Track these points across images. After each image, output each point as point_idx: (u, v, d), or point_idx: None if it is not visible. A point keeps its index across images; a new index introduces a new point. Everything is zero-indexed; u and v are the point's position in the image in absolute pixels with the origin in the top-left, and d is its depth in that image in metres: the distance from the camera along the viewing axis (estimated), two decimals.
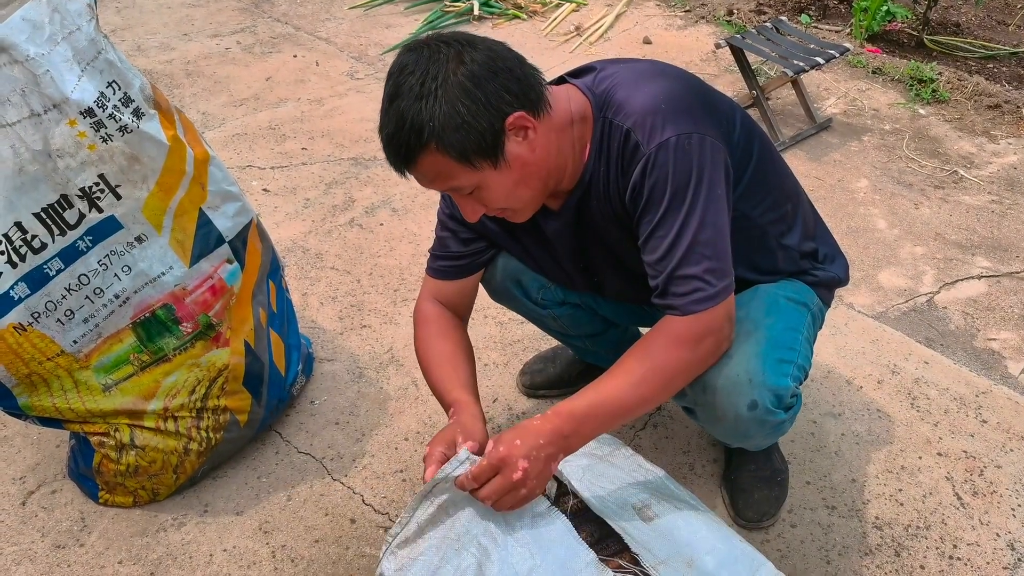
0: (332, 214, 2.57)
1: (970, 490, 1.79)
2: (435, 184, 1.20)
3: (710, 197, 1.20)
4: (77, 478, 1.68)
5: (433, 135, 1.11)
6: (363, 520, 1.66)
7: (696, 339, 1.24)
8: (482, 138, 1.13)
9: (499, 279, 1.60)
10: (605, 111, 1.25)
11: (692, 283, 1.21)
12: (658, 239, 1.21)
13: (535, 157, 1.20)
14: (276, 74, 3.47)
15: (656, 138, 1.18)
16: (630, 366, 1.26)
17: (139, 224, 1.48)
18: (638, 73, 1.27)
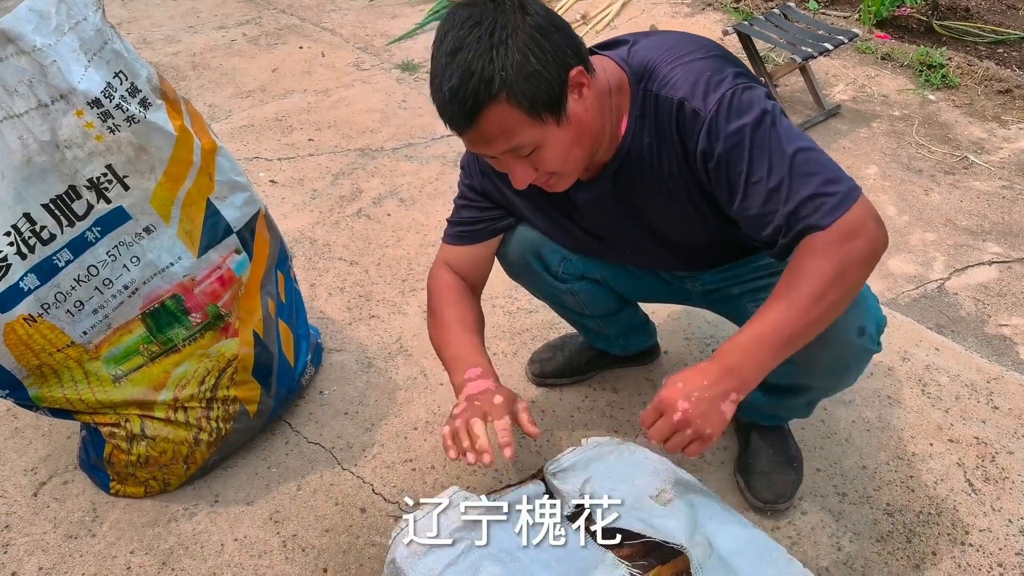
0: (339, 205, 2.57)
1: (982, 476, 1.78)
2: (495, 144, 1.16)
3: (782, 126, 1.18)
4: (88, 469, 1.69)
5: (505, 85, 1.08)
6: (373, 509, 1.66)
7: (840, 242, 1.15)
8: (551, 89, 1.12)
9: (518, 252, 1.58)
10: (646, 83, 1.23)
11: (814, 202, 1.15)
12: (756, 185, 1.18)
13: (588, 117, 1.19)
14: (282, 66, 3.47)
15: (711, 100, 1.17)
16: (783, 290, 1.20)
17: (147, 215, 1.48)
18: (674, 45, 1.26)
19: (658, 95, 1.22)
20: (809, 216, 1.15)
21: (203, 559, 1.56)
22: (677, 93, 1.20)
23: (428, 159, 2.83)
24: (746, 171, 1.18)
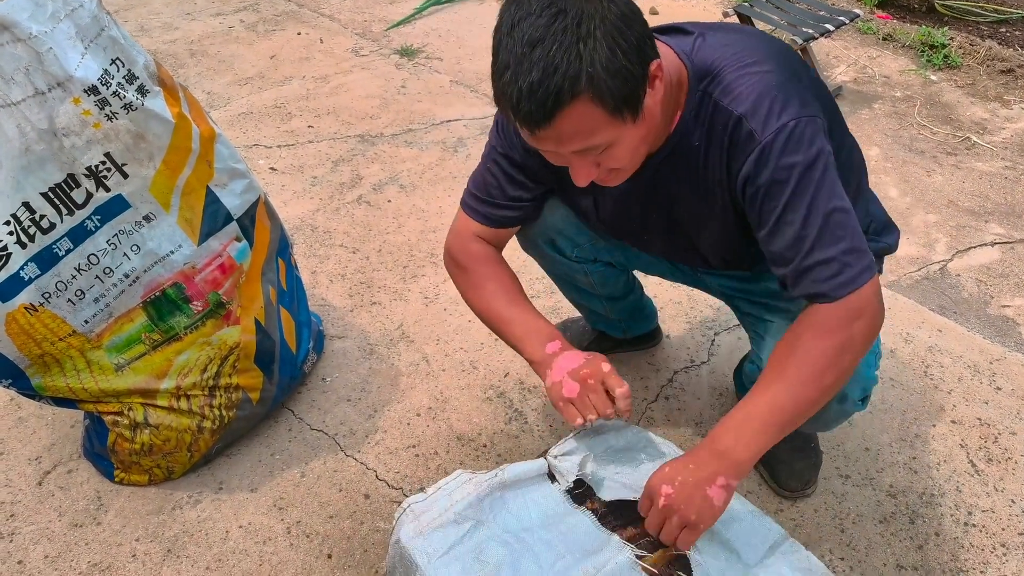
0: (339, 192, 2.56)
1: (984, 457, 1.78)
2: (570, 143, 1.08)
3: (830, 177, 1.14)
4: (92, 457, 1.69)
5: (591, 83, 1.00)
6: (377, 495, 1.66)
7: (846, 324, 1.15)
8: (635, 85, 1.04)
9: (531, 236, 1.58)
10: (707, 85, 1.17)
11: (832, 266, 1.13)
12: (786, 226, 1.14)
13: (657, 111, 1.13)
14: (280, 52, 3.45)
15: (771, 126, 1.11)
16: (779, 367, 1.18)
17: (147, 203, 1.47)
18: (744, 49, 1.18)
19: (718, 103, 1.16)
20: (822, 282, 1.14)
21: (208, 546, 1.56)
22: (738, 108, 1.14)
23: (428, 145, 2.82)
24: (781, 209, 1.14)
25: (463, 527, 1.28)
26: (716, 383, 1.94)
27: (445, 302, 2.15)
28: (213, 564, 1.53)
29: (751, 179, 1.15)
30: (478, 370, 1.96)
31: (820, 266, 1.14)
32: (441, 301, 2.15)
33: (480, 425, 1.82)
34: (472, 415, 1.84)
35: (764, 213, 1.16)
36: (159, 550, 1.55)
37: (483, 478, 1.34)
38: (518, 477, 1.35)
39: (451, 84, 3.23)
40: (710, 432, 1.20)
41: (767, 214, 1.16)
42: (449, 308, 2.13)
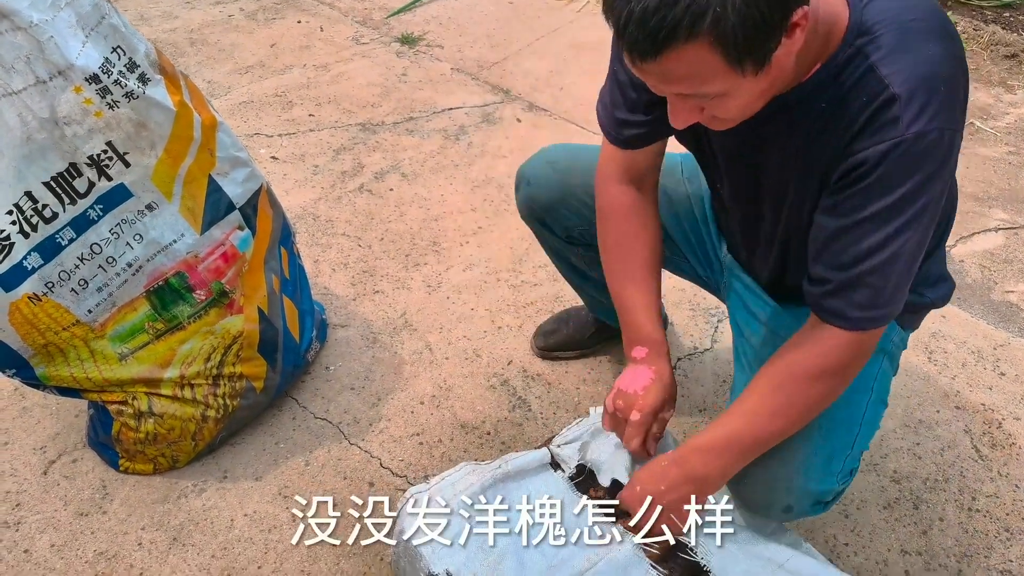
0: (341, 180, 2.56)
1: (989, 442, 1.79)
2: (675, 85, 0.96)
3: (935, 208, 1.02)
4: (97, 447, 1.69)
5: (716, 26, 0.84)
6: (381, 483, 1.66)
7: (849, 363, 1.11)
8: (768, 37, 0.88)
9: (523, 206, 1.60)
10: (864, 44, 0.99)
11: (875, 296, 1.06)
12: (863, 233, 1.03)
13: (788, 62, 0.96)
14: (280, 41, 3.44)
15: (919, 124, 0.95)
16: (764, 389, 1.15)
17: (149, 192, 1.47)
18: (916, 18, 0.99)
19: (875, 68, 0.98)
20: (856, 307, 1.07)
21: (213, 534, 1.57)
22: (896, 85, 0.96)
23: (429, 133, 2.81)
24: (869, 215, 1.01)
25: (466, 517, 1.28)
26: (719, 370, 1.94)
27: (448, 290, 2.15)
28: (219, 552, 1.54)
29: (863, 166, 1.00)
30: (481, 358, 1.96)
31: (865, 289, 1.05)
32: (444, 289, 2.15)
33: (484, 413, 1.82)
34: (476, 403, 1.84)
35: (845, 207, 1.04)
36: (165, 538, 1.56)
37: (486, 469, 1.34)
38: (521, 468, 1.35)
39: (452, 72, 3.21)
40: (684, 448, 1.20)
41: (852, 209, 1.03)
42: (452, 296, 2.13)
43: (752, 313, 1.39)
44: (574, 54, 3.35)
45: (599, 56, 3.33)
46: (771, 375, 1.16)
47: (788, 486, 1.21)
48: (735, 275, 1.44)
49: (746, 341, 1.39)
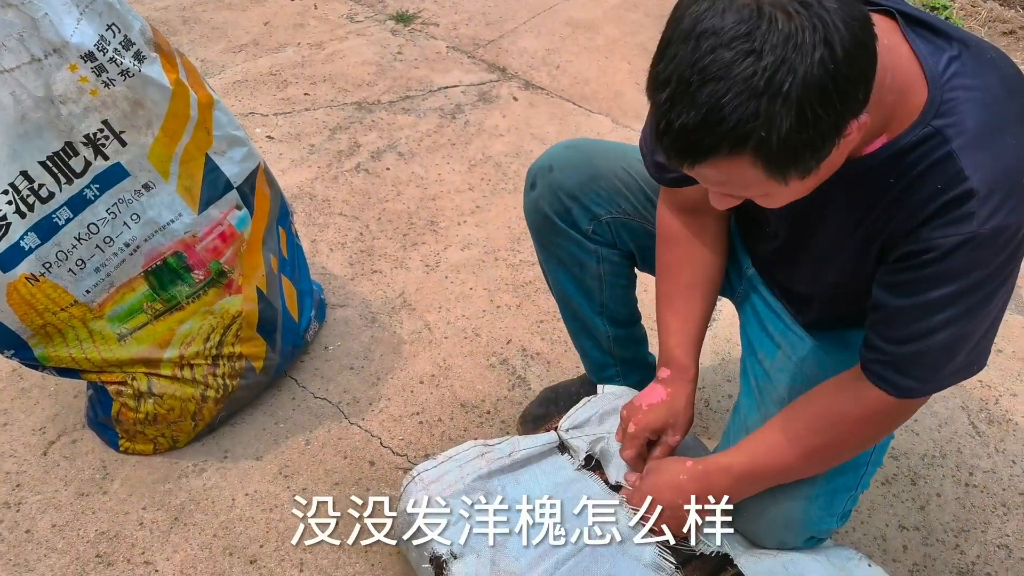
0: (338, 160, 2.54)
1: (985, 419, 1.79)
2: (715, 186, 0.94)
3: (1005, 294, 0.99)
4: (97, 427, 1.69)
5: (759, 149, 0.80)
6: (382, 462, 1.67)
7: (889, 422, 1.11)
8: (814, 157, 0.83)
9: (541, 196, 1.41)
10: (943, 127, 0.91)
11: (938, 372, 1.02)
12: (923, 312, 0.98)
13: (839, 161, 0.91)
14: (274, 18, 3.40)
15: (995, 220, 0.90)
16: (801, 427, 1.13)
17: (146, 171, 1.46)
18: (1000, 102, 0.93)
19: (954, 156, 0.91)
20: (907, 377, 1.03)
21: (215, 514, 1.57)
22: (975, 179, 0.90)
23: (426, 112, 2.80)
24: (933, 295, 0.96)
25: (472, 498, 1.28)
26: (718, 348, 1.95)
27: (446, 270, 2.14)
28: (220, 531, 1.54)
29: (930, 252, 0.95)
30: (480, 337, 1.96)
31: (925, 367, 1.02)
32: (442, 269, 2.14)
33: (483, 392, 1.82)
34: (475, 382, 1.85)
35: (908, 288, 0.99)
36: (166, 518, 1.56)
37: (495, 455, 1.34)
38: (530, 455, 1.35)
39: (448, 50, 3.19)
40: (711, 467, 1.19)
41: (912, 292, 0.99)
42: (451, 276, 2.12)
43: (768, 333, 1.35)
44: (570, 32, 3.33)
45: (595, 34, 3.31)
46: (812, 416, 1.14)
47: (788, 525, 1.22)
48: (756, 289, 1.38)
49: (757, 362, 1.35)
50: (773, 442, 1.16)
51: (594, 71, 3.08)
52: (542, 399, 1.74)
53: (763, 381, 1.32)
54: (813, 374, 1.21)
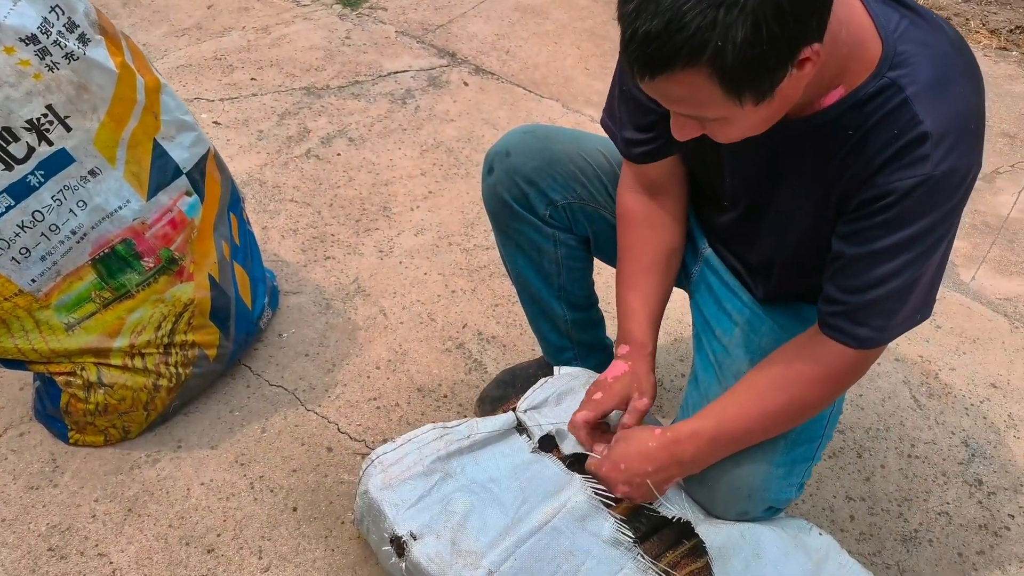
0: (287, 145, 2.51)
1: (926, 392, 1.86)
2: (675, 105, 0.97)
3: (951, 237, 1.05)
4: (45, 419, 1.66)
5: (714, 59, 0.84)
6: (339, 448, 1.66)
7: (848, 375, 1.15)
8: (768, 76, 0.88)
9: (498, 181, 1.43)
10: (898, 77, 0.97)
11: (891, 318, 1.07)
12: (881, 260, 1.03)
13: (795, 93, 0.95)
14: (218, 2, 3.33)
15: (949, 162, 0.96)
16: (764, 388, 1.18)
17: (92, 157, 1.43)
18: (949, 58, 1.00)
19: (909, 103, 0.97)
20: (861, 327, 1.08)
21: (170, 504, 1.55)
22: (928, 123, 0.96)
23: (376, 97, 2.78)
24: (889, 244, 1.02)
25: (431, 479, 1.29)
26: (670, 329, 1.98)
27: (400, 255, 2.14)
28: (176, 521, 1.52)
29: (887, 197, 1.00)
30: (436, 322, 1.96)
31: (879, 313, 1.07)
32: (396, 254, 2.14)
33: (440, 376, 1.83)
34: (432, 367, 1.85)
35: (865, 236, 1.04)
36: (119, 509, 1.54)
37: (454, 437, 1.35)
38: (488, 437, 1.36)
39: (397, 35, 3.17)
40: (677, 433, 1.21)
41: (870, 239, 1.04)
42: (404, 261, 2.12)
43: (725, 311, 1.38)
44: (519, 17, 3.33)
45: (544, 20, 3.32)
46: (773, 376, 1.18)
47: (751, 494, 1.24)
48: (712, 268, 1.42)
49: (715, 338, 1.38)
50: (738, 404, 1.20)
51: (544, 56, 3.09)
52: (499, 381, 1.75)
53: (722, 356, 1.35)
54: (770, 348, 1.24)
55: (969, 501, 1.65)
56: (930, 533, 1.58)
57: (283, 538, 1.50)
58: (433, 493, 1.29)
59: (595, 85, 2.93)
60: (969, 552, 1.56)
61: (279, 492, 1.58)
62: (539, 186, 1.41)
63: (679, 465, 1.21)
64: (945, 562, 1.54)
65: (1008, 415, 1.82)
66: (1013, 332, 2.04)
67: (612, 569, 1.22)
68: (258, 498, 1.56)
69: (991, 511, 1.63)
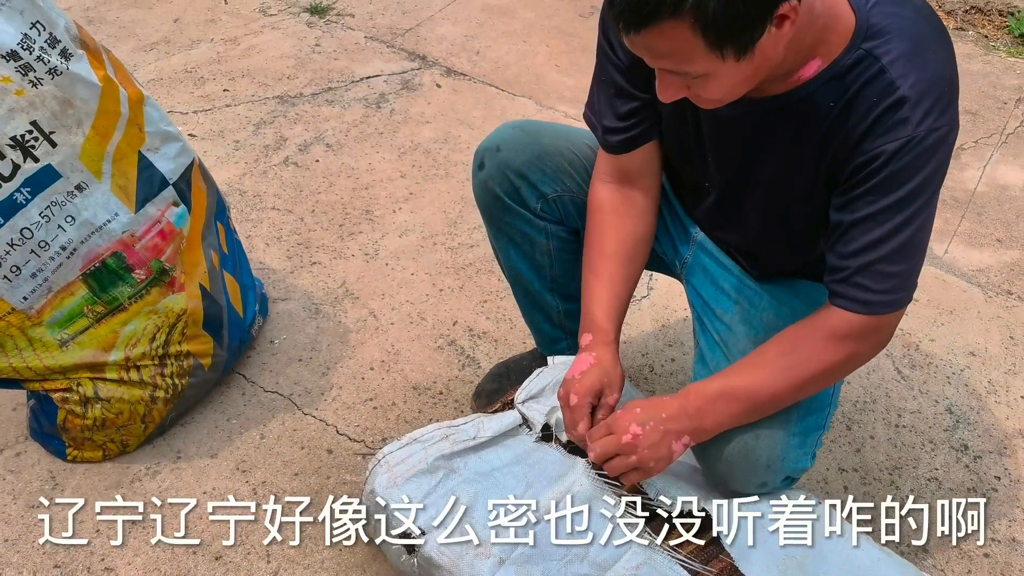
0: (265, 154, 2.51)
1: (909, 364, 1.91)
2: (658, 61, 1.00)
3: (935, 202, 1.10)
4: (41, 438, 1.65)
5: (696, 8, 0.89)
6: (340, 449, 1.68)
7: (861, 339, 1.15)
8: (749, 27, 0.93)
9: (490, 175, 1.44)
10: (873, 48, 1.03)
11: (890, 281, 1.10)
12: (875, 225, 1.08)
13: (775, 52, 0.99)
14: (184, 15, 3.32)
15: (929, 122, 1.02)
16: (772, 353, 1.19)
17: (78, 172, 1.43)
18: (920, 27, 1.06)
19: (885, 71, 1.02)
20: (869, 291, 1.11)
21: (173, 514, 1.55)
22: (905, 87, 1.02)
23: (350, 102, 2.78)
24: (881, 208, 1.06)
25: (436, 476, 1.31)
26: (657, 315, 2.01)
27: (386, 257, 2.15)
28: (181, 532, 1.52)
29: (876, 161, 1.05)
30: (426, 321, 1.97)
31: (879, 277, 1.10)
32: (382, 256, 2.15)
33: (434, 374, 1.85)
34: (425, 365, 1.87)
35: (860, 201, 1.08)
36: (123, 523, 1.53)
37: (460, 437, 1.36)
38: (495, 435, 1.37)
39: (366, 40, 3.17)
40: (687, 388, 1.23)
41: (864, 204, 1.08)
42: (391, 263, 2.13)
43: (724, 291, 1.41)
44: (487, 17, 3.35)
45: (511, 19, 3.35)
46: (779, 341, 1.19)
47: (770, 464, 1.26)
48: (706, 250, 1.44)
49: (716, 318, 1.40)
50: (745, 367, 1.22)
51: (514, 55, 3.11)
52: (493, 374, 1.77)
53: (726, 334, 1.38)
54: (773, 323, 1.27)
55: (957, 466, 1.69)
56: (922, 499, 1.63)
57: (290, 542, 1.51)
58: (438, 489, 1.30)
59: (566, 81, 2.97)
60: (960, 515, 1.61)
61: (283, 496, 1.58)
62: (530, 179, 1.43)
63: (690, 417, 1.20)
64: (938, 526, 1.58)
65: (988, 381, 1.88)
66: (988, 302, 2.09)
67: (620, 551, 1.24)
68: (262, 503, 1.57)
69: (978, 474, 1.68)
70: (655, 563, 1.23)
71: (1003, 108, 2.87)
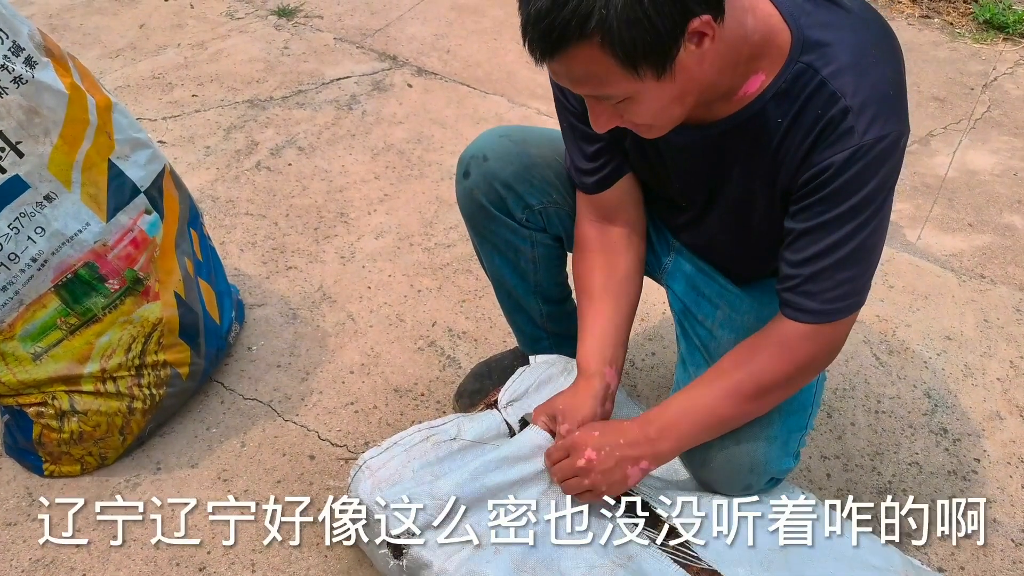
0: (236, 159, 2.49)
1: (886, 350, 1.93)
2: (580, 87, 1.00)
3: (889, 202, 1.09)
4: (16, 454, 1.62)
5: (602, 27, 0.89)
6: (322, 455, 1.66)
7: (811, 349, 1.16)
8: (659, 41, 0.91)
9: (475, 185, 1.42)
10: (812, 61, 1.03)
11: (839, 288, 1.11)
12: (824, 233, 1.08)
13: (702, 71, 0.98)
14: (149, 20, 3.28)
15: (875, 131, 1.01)
16: (728, 366, 1.20)
17: (46, 182, 1.41)
18: (858, 32, 1.06)
19: (825, 83, 1.02)
20: (815, 298, 1.12)
21: (155, 526, 1.53)
22: (848, 97, 1.01)
23: (321, 105, 2.76)
24: (831, 217, 1.06)
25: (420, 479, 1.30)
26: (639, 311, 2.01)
27: (362, 259, 2.14)
28: (163, 544, 1.50)
29: (826, 172, 1.05)
30: (405, 322, 1.96)
31: (828, 284, 1.11)
32: (358, 259, 2.14)
33: (415, 375, 1.84)
34: (406, 366, 1.86)
35: (811, 211, 1.08)
36: (104, 537, 1.51)
37: (440, 438, 1.35)
38: (476, 438, 1.37)
39: (335, 42, 3.15)
40: (647, 414, 1.24)
41: (815, 214, 1.08)
42: (368, 265, 2.12)
43: (704, 296, 1.42)
44: (457, 16, 3.34)
45: (481, 17, 3.34)
46: (743, 349, 1.21)
47: (752, 468, 1.27)
48: (685, 256, 1.45)
49: (698, 323, 1.41)
50: (704, 383, 1.23)
51: (484, 53, 3.10)
52: (475, 374, 1.76)
53: (707, 339, 1.39)
54: (754, 327, 1.27)
55: (936, 449, 1.71)
56: (903, 483, 1.64)
57: (275, 550, 1.49)
58: (422, 490, 1.29)
59: (538, 79, 2.96)
60: (941, 498, 1.62)
61: (263, 505, 1.56)
62: (516, 191, 1.42)
63: (649, 443, 1.21)
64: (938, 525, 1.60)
65: (964, 365, 1.90)
66: (961, 286, 2.12)
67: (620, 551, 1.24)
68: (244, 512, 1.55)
69: (958, 457, 1.70)
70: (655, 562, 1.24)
71: (970, 94, 2.91)
